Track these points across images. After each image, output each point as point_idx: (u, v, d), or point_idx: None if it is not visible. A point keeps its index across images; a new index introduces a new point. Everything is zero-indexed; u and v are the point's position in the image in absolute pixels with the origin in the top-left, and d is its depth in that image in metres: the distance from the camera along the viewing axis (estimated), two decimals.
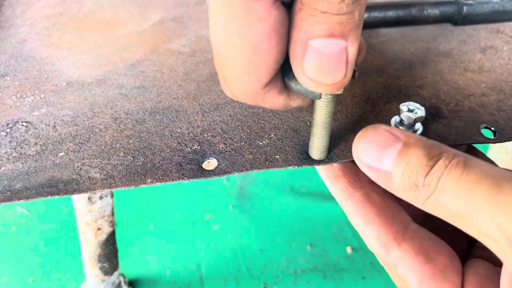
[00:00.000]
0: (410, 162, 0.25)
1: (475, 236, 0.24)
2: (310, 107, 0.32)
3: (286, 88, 0.28)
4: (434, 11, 0.49)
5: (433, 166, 0.24)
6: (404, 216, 0.31)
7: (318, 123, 0.30)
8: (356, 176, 0.32)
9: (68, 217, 1.15)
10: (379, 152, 0.26)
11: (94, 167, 0.33)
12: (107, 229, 0.81)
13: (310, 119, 0.36)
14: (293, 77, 0.26)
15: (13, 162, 0.33)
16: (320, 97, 0.27)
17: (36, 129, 0.36)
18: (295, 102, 0.29)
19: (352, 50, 0.24)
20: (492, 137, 0.35)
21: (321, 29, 0.23)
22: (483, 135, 0.35)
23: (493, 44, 0.47)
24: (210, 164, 0.33)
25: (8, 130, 0.36)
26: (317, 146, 0.32)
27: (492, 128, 0.36)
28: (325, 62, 0.24)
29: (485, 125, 0.36)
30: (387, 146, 0.26)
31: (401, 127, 0.34)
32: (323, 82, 0.24)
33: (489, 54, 0.45)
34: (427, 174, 0.24)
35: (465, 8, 0.48)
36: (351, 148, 0.34)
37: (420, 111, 0.33)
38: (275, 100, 0.28)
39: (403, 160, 0.25)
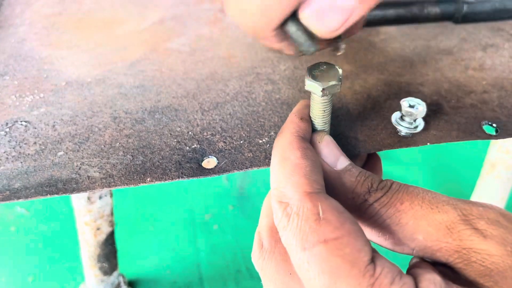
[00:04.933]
0: (362, 172, 0.28)
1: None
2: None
3: (286, 37, 0.28)
4: (435, 10, 0.49)
5: (385, 180, 0.28)
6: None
7: (317, 121, 0.30)
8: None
9: (68, 217, 1.15)
10: (336, 154, 0.29)
11: (93, 166, 0.33)
12: (106, 229, 0.81)
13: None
14: (295, 22, 0.26)
15: (12, 161, 0.33)
16: (311, 53, 0.28)
17: (35, 128, 0.36)
18: (288, 51, 0.30)
19: (359, 12, 0.24)
20: (494, 133, 0.35)
21: None
22: (484, 132, 0.35)
23: (494, 42, 0.47)
24: (210, 162, 0.33)
25: (7, 129, 0.36)
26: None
27: (494, 125, 0.36)
28: (325, 11, 0.24)
29: (486, 121, 0.36)
30: (342, 155, 0.29)
31: (402, 123, 0.34)
32: (314, 27, 0.25)
33: (490, 52, 0.45)
34: (381, 181, 0.27)
35: (465, 6, 0.48)
36: (351, 144, 0.34)
37: (421, 107, 0.32)
38: (274, 43, 0.29)
39: (356, 169, 0.28)
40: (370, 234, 0.27)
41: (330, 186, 0.28)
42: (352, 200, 0.27)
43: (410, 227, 0.25)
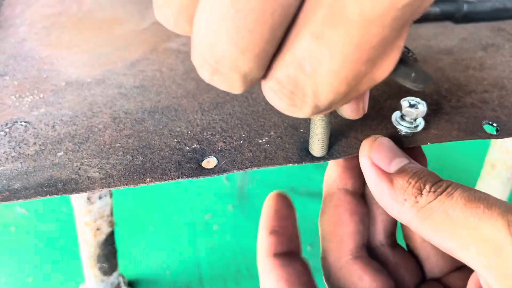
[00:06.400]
0: (418, 172, 0.27)
1: (456, 253, 0.25)
2: None
3: None
4: (435, 9, 0.48)
5: (441, 179, 0.26)
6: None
7: (318, 122, 0.30)
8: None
9: (67, 217, 1.15)
10: (389, 156, 0.28)
11: (93, 167, 0.33)
12: (106, 229, 0.81)
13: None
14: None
15: (12, 161, 0.33)
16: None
17: (35, 128, 0.36)
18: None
19: None
20: (495, 132, 0.35)
21: None
22: (485, 131, 0.35)
23: (494, 41, 0.47)
24: (210, 162, 0.33)
25: (7, 129, 0.36)
26: (317, 143, 0.32)
27: (494, 124, 0.36)
28: None
29: (487, 121, 0.36)
30: (397, 156, 0.28)
31: (402, 123, 0.34)
32: None
33: (490, 51, 0.45)
34: (436, 182, 0.26)
35: (465, 6, 0.48)
36: (352, 144, 0.34)
37: (422, 106, 0.32)
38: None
39: (411, 169, 0.27)
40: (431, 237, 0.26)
41: (381, 191, 0.28)
42: (403, 203, 0.26)
43: (463, 238, 0.24)
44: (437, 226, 0.25)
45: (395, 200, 0.27)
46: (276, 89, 0.20)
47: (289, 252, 0.31)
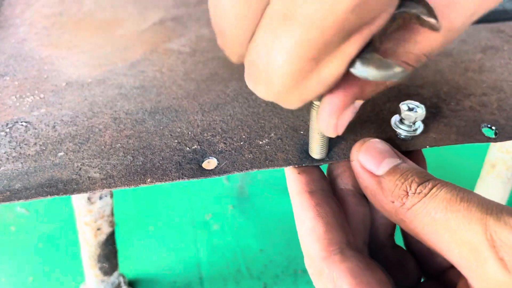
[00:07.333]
0: (406, 172, 0.27)
1: (445, 252, 0.25)
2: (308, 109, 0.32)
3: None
4: None
5: (429, 179, 0.27)
6: (348, 235, 0.30)
7: (316, 126, 0.30)
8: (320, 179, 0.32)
9: (68, 217, 1.15)
10: (378, 158, 0.28)
11: (93, 167, 0.33)
12: (106, 229, 0.81)
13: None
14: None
15: (13, 162, 0.33)
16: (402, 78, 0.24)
17: (35, 129, 0.36)
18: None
19: None
20: (493, 136, 0.35)
21: None
22: (484, 134, 0.35)
23: (493, 43, 0.47)
24: (210, 163, 0.33)
25: (8, 130, 0.36)
26: (317, 145, 0.32)
27: (493, 127, 0.36)
28: None
29: (486, 124, 0.36)
30: (387, 157, 0.28)
31: (401, 126, 0.34)
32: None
33: (489, 53, 0.45)
34: (422, 183, 0.26)
35: None
36: (351, 147, 0.34)
37: (420, 109, 0.32)
38: None
39: (400, 170, 0.28)
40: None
41: (371, 193, 0.28)
42: (392, 204, 0.27)
43: (446, 240, 0.24)
44: (424, 228, 0.25)
45: (384, 202, 0.27)
46: (245, 70, 0.23)
47: (322, 190, 0.31)
